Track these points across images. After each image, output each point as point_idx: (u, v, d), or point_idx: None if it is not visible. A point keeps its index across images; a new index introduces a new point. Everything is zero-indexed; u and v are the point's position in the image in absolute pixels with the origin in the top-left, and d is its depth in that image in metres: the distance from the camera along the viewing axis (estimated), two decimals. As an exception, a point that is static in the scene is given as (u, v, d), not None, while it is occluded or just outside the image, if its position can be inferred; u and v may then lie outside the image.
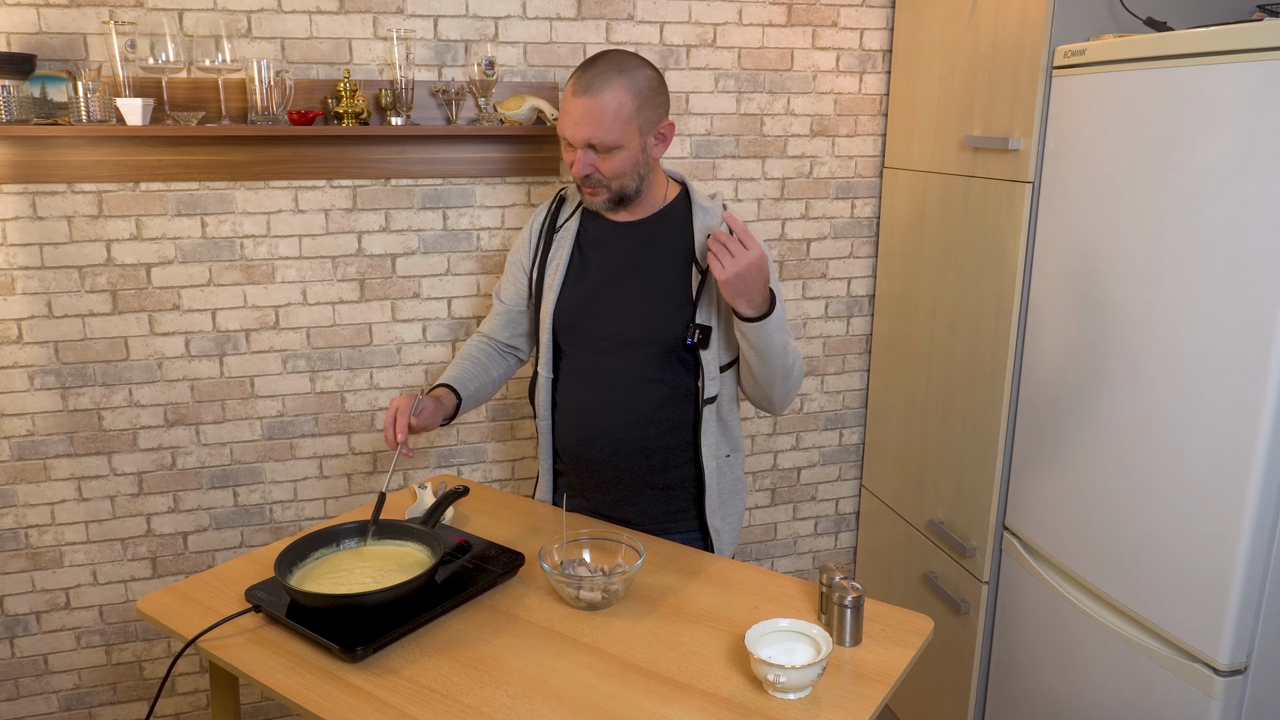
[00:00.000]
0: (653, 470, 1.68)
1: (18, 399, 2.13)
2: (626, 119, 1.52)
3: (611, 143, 1.53)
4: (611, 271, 1.66)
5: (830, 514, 2.86)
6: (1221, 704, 1.56)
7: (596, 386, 1.67)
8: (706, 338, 1.61)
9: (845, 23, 2.48)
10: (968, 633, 2.22)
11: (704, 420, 1.65)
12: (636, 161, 1.58)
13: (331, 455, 2.38)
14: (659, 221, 1.67)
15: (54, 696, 2.33)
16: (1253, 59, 1.41)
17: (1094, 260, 1.77)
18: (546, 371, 1.72)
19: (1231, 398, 1.48)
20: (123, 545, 2.28)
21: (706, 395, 1.64)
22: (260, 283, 2.22)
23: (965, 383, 2.19)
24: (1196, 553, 1.57)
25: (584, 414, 1.69)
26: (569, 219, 1.73)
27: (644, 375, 1.64)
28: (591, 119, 1.51)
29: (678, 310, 1.62)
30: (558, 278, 1.68)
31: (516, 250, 1.79)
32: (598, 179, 1.57)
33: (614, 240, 1.68)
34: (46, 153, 2.02)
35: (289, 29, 2.11)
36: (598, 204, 1.62)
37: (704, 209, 1.66)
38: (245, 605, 1.38)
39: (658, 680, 1.24)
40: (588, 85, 1.51)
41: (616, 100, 1.51)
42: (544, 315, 1.70)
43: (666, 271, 1.64)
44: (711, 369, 1.63)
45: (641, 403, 1.65)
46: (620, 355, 1.65)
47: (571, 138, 1.54)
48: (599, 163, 1.55)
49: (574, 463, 1.74)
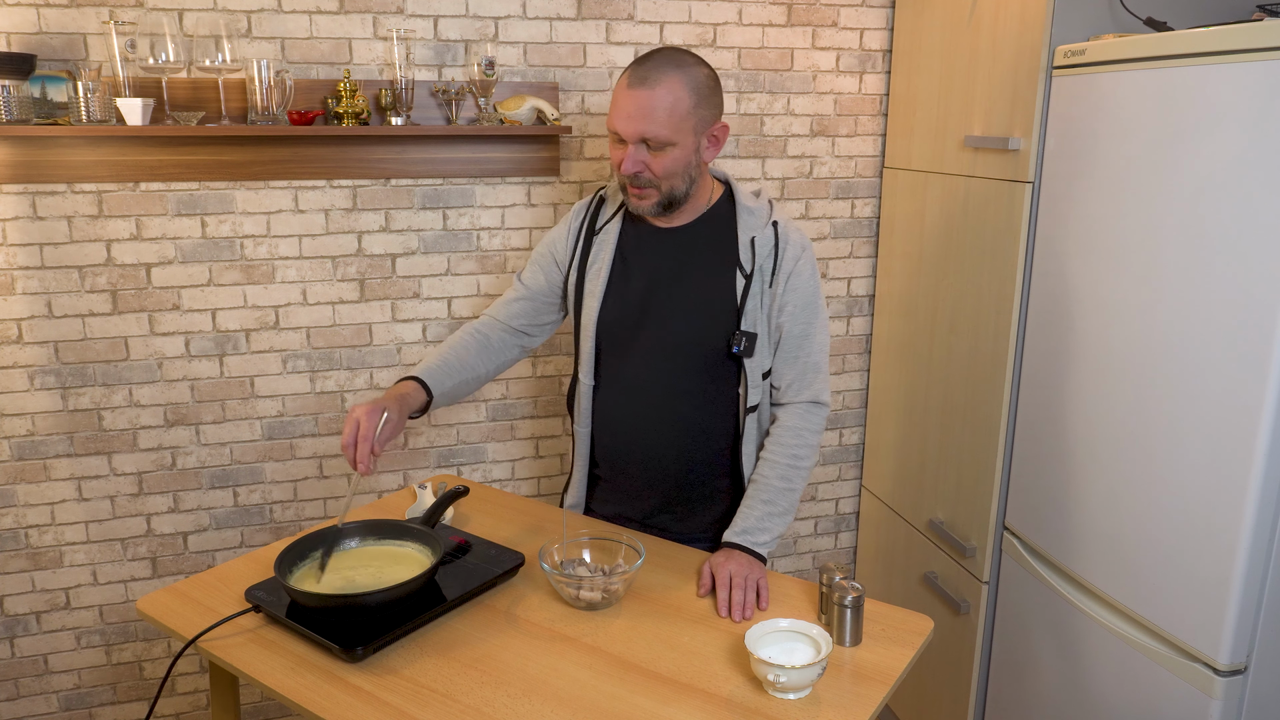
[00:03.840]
0: (693, 479, 1.66)
1: (18, 399, 2.13)
2: (683, 115, 1.47)
3: (665, 138, 1.46)
4: (654, 278, 1.61)
5: (830, 514, 2.86)
6: (1221, 704, 1.56)
7: (639, 395, 1.64)
8: (752, 346, 1.57)
9: (845, 23, 2.48)
10: (968, 633, 2.22)
11: (745, 429, 1.62)
12: (689, 162, 1.51)
13: (331, 455, 2.38)
14: (702, 226, 1.61)
15: (54, 696, 2.33)
16: (1253, 59, 1.41)
17: (1094, 260, 1.77)
18: (588, 379, 1.68)
19: (1231, 398, 1.48)
20: (123, 545, 2.28)
21: (749, 404, 1.60)
22: (260, 283, 2.22)
23: (965, 383, 2.19)
24: (1196, 553, 1.57)
25: (625, 422, 1.66)
26: (609, 222, 1.67)
27: (687, 384, 1.61)
28: (646, 112, 1.45)
29: (722, 317, 1.57)
30: (600, 284, 1.63)
31: (552, 243, 1.72)
32: (647, 178, 1.50)
33: (657, 246, 1.63)
34: (46, 153, 2.02)
35: (289, 29, 2.11)
36: (645, 208, 1.55)
37: (749, 210, 1.60)
38: (245, 605, 1.38)
39: (658, 680, 1.24)
40: (644, 77, 1.46)
41: (673, 94, 1.46)
42: (585, 323, 1.65)
43: (710, 277, 1.59)
44: (755, 377, 1.59)
45: (684, 411, 1.62)
46: (663, 363, 1.61)
47: (624, 132, 1.47)
48: (650, 160, 1.49)
49: (612, 470, 1.71)
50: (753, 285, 1.57)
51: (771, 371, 1.62)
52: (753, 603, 1.42)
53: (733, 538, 1.54)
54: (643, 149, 1.49)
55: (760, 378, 1.60)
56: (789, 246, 1.58)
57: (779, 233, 1.58)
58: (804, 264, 1.59)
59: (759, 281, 1.57)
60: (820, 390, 1.62)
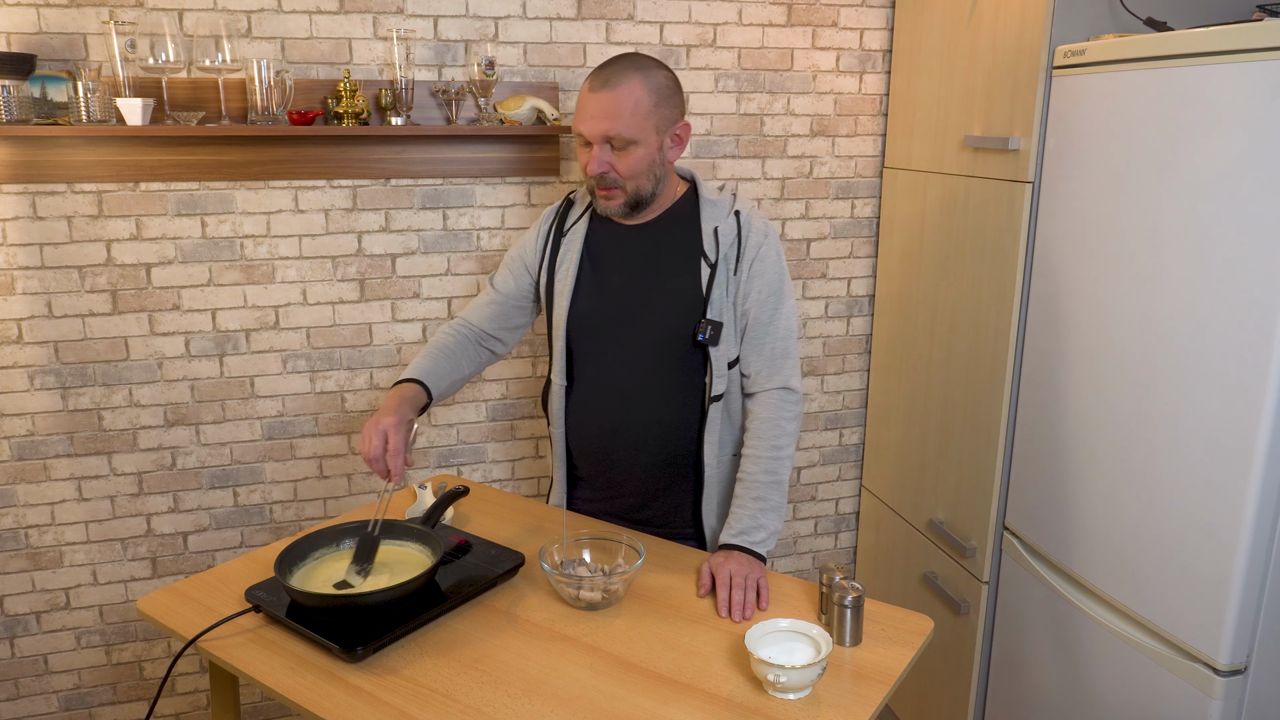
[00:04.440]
0: (670, 472, 1.67)
1: (18, 399, 2.13)
2: (644, 114, 1.52)
3: (629, 137, 1.51)
4: (623, 274, 1.64)
5: (830, 514, 2.86)
6: (1221, 704, 1.56)
7: (612, 391, 1.66)
8: (717, 334, 1.59)
9: (845, 23, 2.48)
10: (968, 633, 2.22)
11: (709, 418, 1.64)
12: (653, 161, 1.56)
13: (331, 455, 2.38)
14: (667, 220, 1.65)
15: (54, 696, 2.33)
16: (1253, 59, 1.41)
17: (1094, 260, 1.77)
18: (560, 379, 1.69)
19: (1231, 398, 1.48)
20: (123, 545, 2.28)
21: (714, 392, 1.63)
22: (260, 283, 2.22)
23: (965, 383, 2.19)
24: (1196, 553, 1.57)
25: (601, 421, 1.67)
26: (576, 223, 1.70)
27: (659, 377, 1.63)
28: (609, 112, 1.50)
29: (689, 308, 1.60)
30: (568, 284, 1.66)
31: (523, 247, 1.75)
32: (613, 178, 1.55)
33: (624, 243, 1.66)
34: (46, 153, 2.02)
35: (289, 29, 2.11)
36: (612, 209, 1.59)
37: (711, 202, 1.64)
38: (245, 605, 1.38)
39: (658, 680, 1.24)
40: (605, 80, 1.51)
41: (634, 95, 1.51)
42: (556, 322, 1.68)
43: (676, 270, 1.62)
44: (720, 366, 1.61)
45: (657, 405, 1.64)
46: (635, 358, 1.63)
47: (589, 132, 1.52)
48: (615, 161, 1.54)
49: (592, 469, 1.72)
50: (718, 274, 1.60)
51: (740, 360, 1.65)
52: (752, 602, 1.42)
53: (730, 539, 1.55)
54: (608, 149, 1.53)
55: (726, 367, 1.62)
56: (751, 234, 1.62)
57: (741, 221, 1.62)
58: (767, 250, 1.62)
59: (724, 270, 1.60)
60: (790, 376, 1.64)
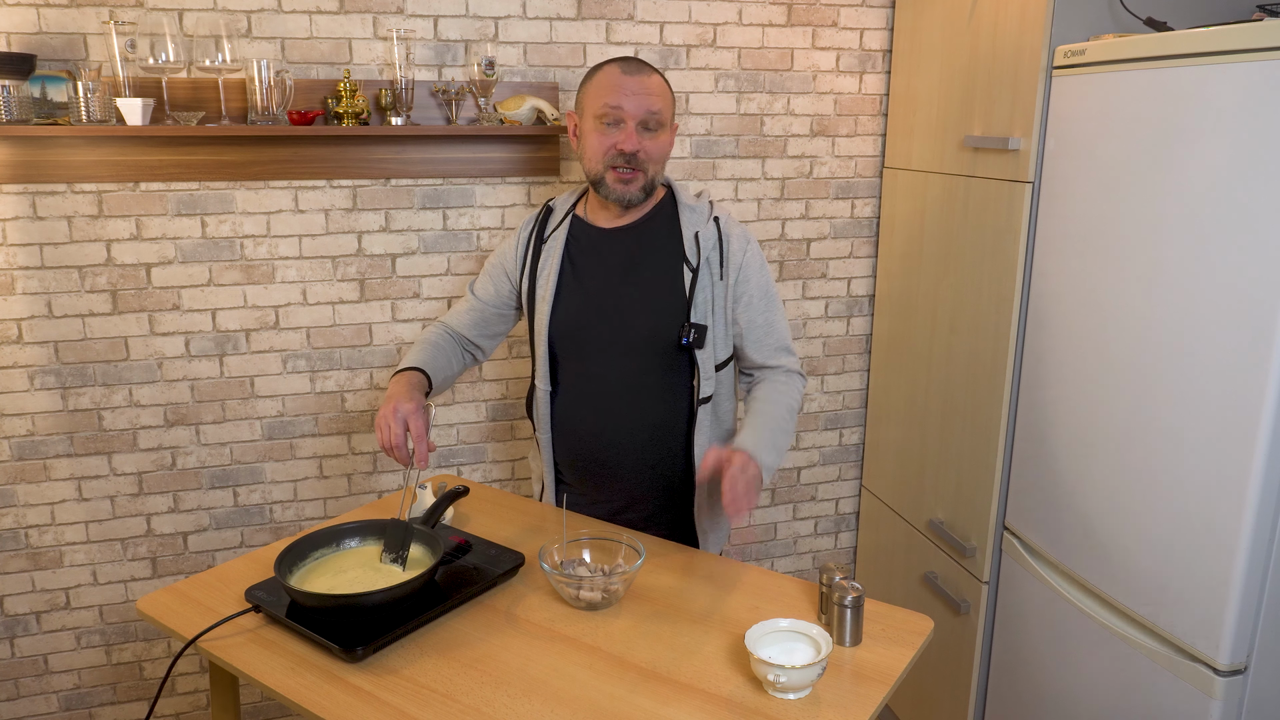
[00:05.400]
0: (656, 475, 1.68)
1: (18, 399, 2.13)
2: (670, 102, 1.61)
3: (665, 119, 1.59)
4: (605, 278, 1.65)
5: (830, 514, 2.86)
6: (1221, 704, 1.56)
7: (596, 395, 1.66)
8: (701, 337, 1.61)
9: (845, 23, 2.48)
10: (968, 633, 2.22)
11: (698, 420, 1.65)
12: (669, 149, 1.63)
13: (331, 455, 2.38)
14: (647, 224, 1.67)
15: (54, 696, 2.33)
16: (1253, 59, 1.41)
17: (1094, 260, 1.77)
18: (544, 385, 1.70)
19: (1231, 398, 1.48)
20: (123, 545, 2.28)
21: (702, 395, 1.64)
22: (260, 283, 2.22)
23: (965, 383, 2.19)
24: (1196, 553, 1.57)
25: (587, 425, 1.68)
26: (556, 229, 1.71)
27: (643, 380, 1.64)
28: (649, 91, 1.57)
29: (672, 311, 1.61)
30: (549, 289, 1.67)
31: (502, 255, 1.77)
32: (642, 158, 1.58)
33: (604, 247, 1.67)
34: (46, 153, 2.02)
35: (289, 29, 2.11)
36: (632, 192, 1.61)
37: (690, 207, 1.67)
38: (245, 605, 1.38)
39: (658, 680, 1.24)
40: (638, 67, 1.59)
41: (661, 83, 1.60)
42: (539, 327, 1.68)
43: (659, 273, 1.63)
44: (707, 368, 1.63)
45: (643, 408, 1.65)
46: (619, 362, 1.64)
47: (632, 108, 1.56)
48: (647, 142, 1.58)
49: (578, 473, 1.73)
50: (700, 278, 1.62)
51: (743, 359, 1.69)
52: (754, 500, 1.40)
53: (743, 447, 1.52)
54: (641, 129, 1.58)
55: (713, 369, 1.64)
56: (732, 240, 1.65)
57: (720, 227, 1.66)
58: (751, 255, 1.66)
59: (706, 274, 1.62)
60: (793, 363, 1.70)
